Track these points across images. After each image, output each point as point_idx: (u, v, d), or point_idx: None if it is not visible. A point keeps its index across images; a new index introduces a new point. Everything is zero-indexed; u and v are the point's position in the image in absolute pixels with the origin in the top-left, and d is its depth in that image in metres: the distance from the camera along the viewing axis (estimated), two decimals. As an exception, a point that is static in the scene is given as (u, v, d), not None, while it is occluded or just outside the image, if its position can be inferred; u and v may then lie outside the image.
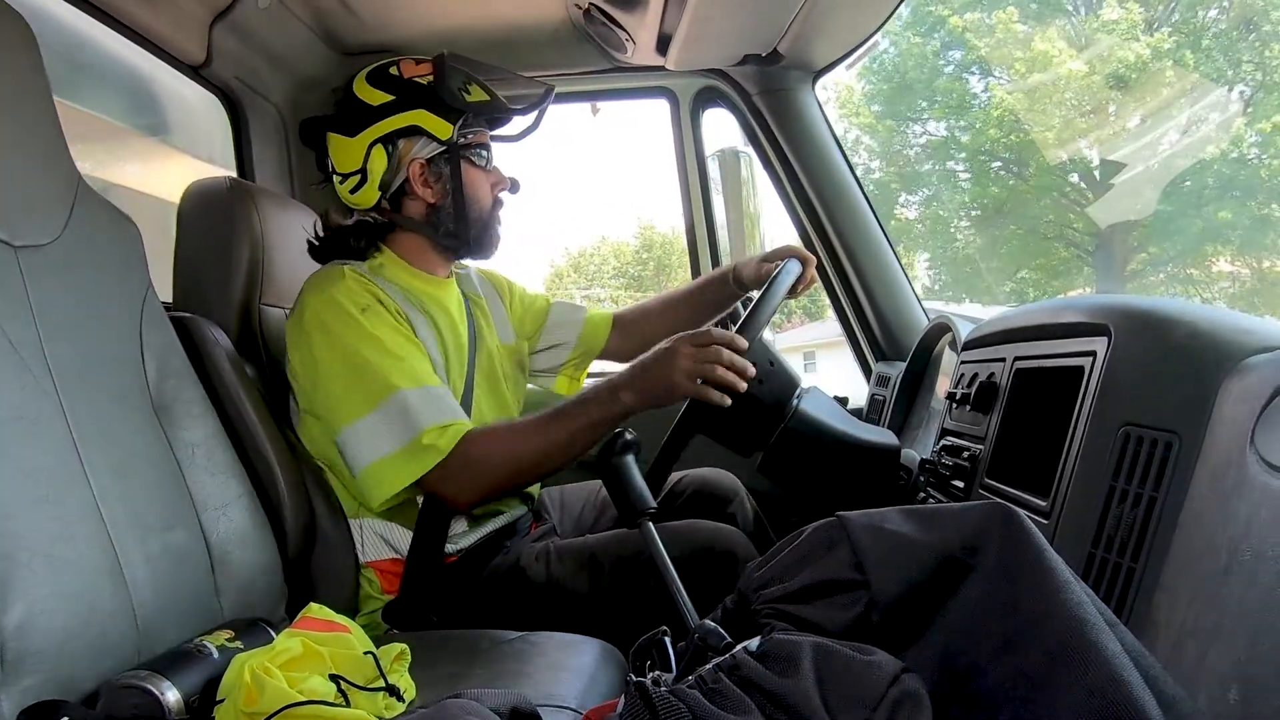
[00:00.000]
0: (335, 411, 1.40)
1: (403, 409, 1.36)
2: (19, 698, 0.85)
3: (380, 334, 1.40)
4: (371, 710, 0.95)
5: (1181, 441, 0.76)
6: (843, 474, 1.38)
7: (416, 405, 1.37)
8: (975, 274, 12.65)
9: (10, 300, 0.99)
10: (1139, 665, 0.57)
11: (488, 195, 1.58)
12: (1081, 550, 0.85)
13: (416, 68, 1.52)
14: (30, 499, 0.93)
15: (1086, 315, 0.98)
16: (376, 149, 1.51)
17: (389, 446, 1.36)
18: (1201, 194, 10.37)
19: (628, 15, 1.86)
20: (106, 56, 1.84)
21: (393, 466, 1.35)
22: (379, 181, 1.52)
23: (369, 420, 1.36)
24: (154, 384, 1.18)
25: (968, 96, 12.49)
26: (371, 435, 1.36)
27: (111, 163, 1.97)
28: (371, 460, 1.36)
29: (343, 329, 1.39)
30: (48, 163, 1.10)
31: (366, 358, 1.38)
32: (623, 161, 31.73)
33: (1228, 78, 10.66)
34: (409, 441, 1.35)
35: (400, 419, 1.36)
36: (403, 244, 1.58)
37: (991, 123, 12.03)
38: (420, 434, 1.35)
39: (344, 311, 1.40)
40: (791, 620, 0.70)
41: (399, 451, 1.35)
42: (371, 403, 1.37)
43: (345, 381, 1.38)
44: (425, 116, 1.50)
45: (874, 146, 13.49)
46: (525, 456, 1.40)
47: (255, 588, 1.23)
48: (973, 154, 12.41)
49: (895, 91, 12.87)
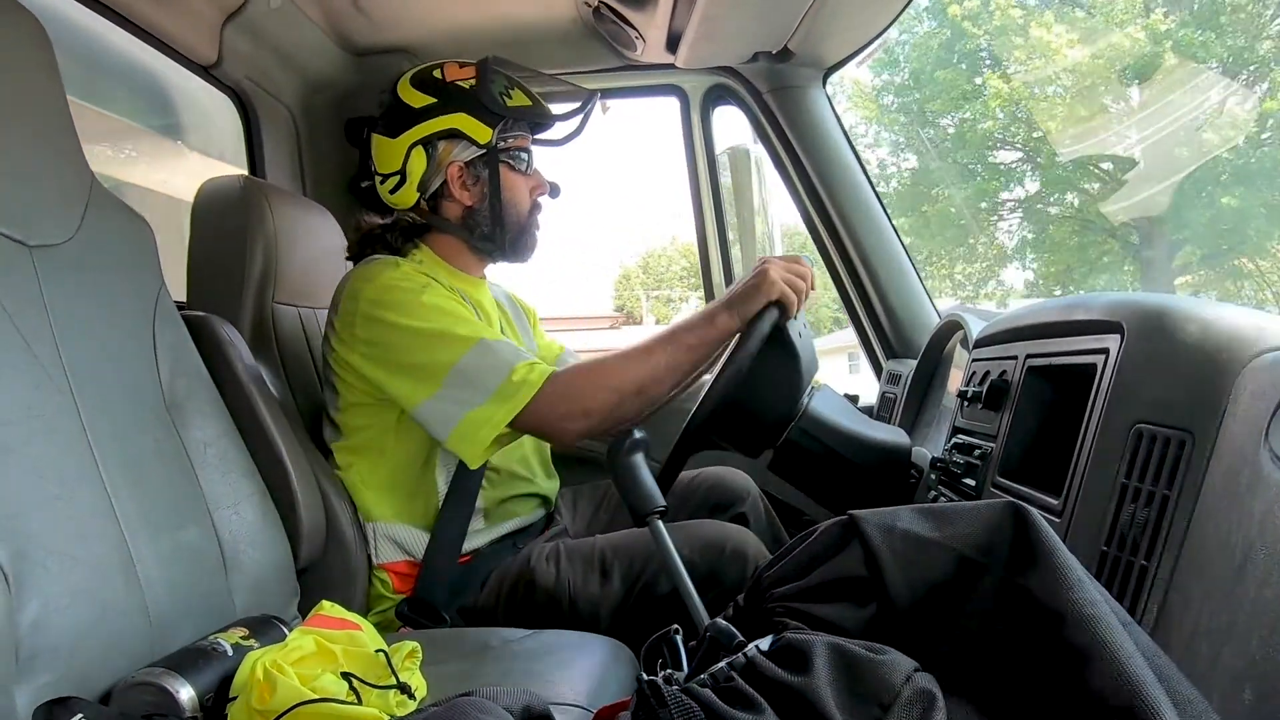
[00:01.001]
0: (416, 382, 1.39)
1: (486, 359, 1.37)
2: (34, 695, 0.86)
3: (444, 305, 1.42)
4: (383, 708, 0.95)
5: (1195, 439, 0.75)
6: (853, 473, 1.38)
7: (499, 351, 1.38)
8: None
9: (25, 299, 1.00)
10: (1152, 664, 0.57)
11: (526, 199, 1.60)
12: (1094, 549, 0.84)
13: (460, 71, 1.54)
14: (44, 497, 0.94)
15: (1099, 313, 0.97)
16: (416, 150, 1.53)
17: (480, 397, 1.36)
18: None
19: (638, 13, 1.86)
20: (119, 57, 1.85)
21: (487, 412, 1.35)
22: (417, 182, 1.55)
23: (452, 376, 1.37)
24: (166, 382, 1.18)
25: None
26: (459, 392, 1.37)
27: (124, 162, 1.98)
28: (464, 414, 1.36)
29: (409, 305, 1.40)
30: (62, 162, 1.11)
31: (439, 323, 1.39)
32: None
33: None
34: (500, 384, 1.35)
35: (486, 368, 1.37)
36: (439, 244, 1.60)
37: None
38: (510, 372, 1.36)
39: (405, 290, 1.41)
40: (804, 619, 0.70)
41: (491, 395, 1.35)
42: (453, 358, 1.37)
43: (422, 349, 1.39)
44: (465, 120, 1.52)
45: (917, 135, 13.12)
46: (626, 384, 1.38)
47: (267, 586, 1.23)
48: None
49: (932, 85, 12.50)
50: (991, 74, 11.74)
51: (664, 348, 1.40)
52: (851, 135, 2.16)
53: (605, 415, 1.39)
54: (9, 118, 1.03)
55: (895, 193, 13.00)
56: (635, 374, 1.39)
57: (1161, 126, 9.72)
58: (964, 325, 1.56)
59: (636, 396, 1.39)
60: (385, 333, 1.40)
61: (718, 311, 1.39)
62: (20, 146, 1.05)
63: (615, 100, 2.32)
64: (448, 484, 1.48)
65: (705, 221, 2.34)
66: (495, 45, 1.90)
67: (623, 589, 1.42)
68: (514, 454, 1.58)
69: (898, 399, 1.91)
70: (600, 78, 2.22)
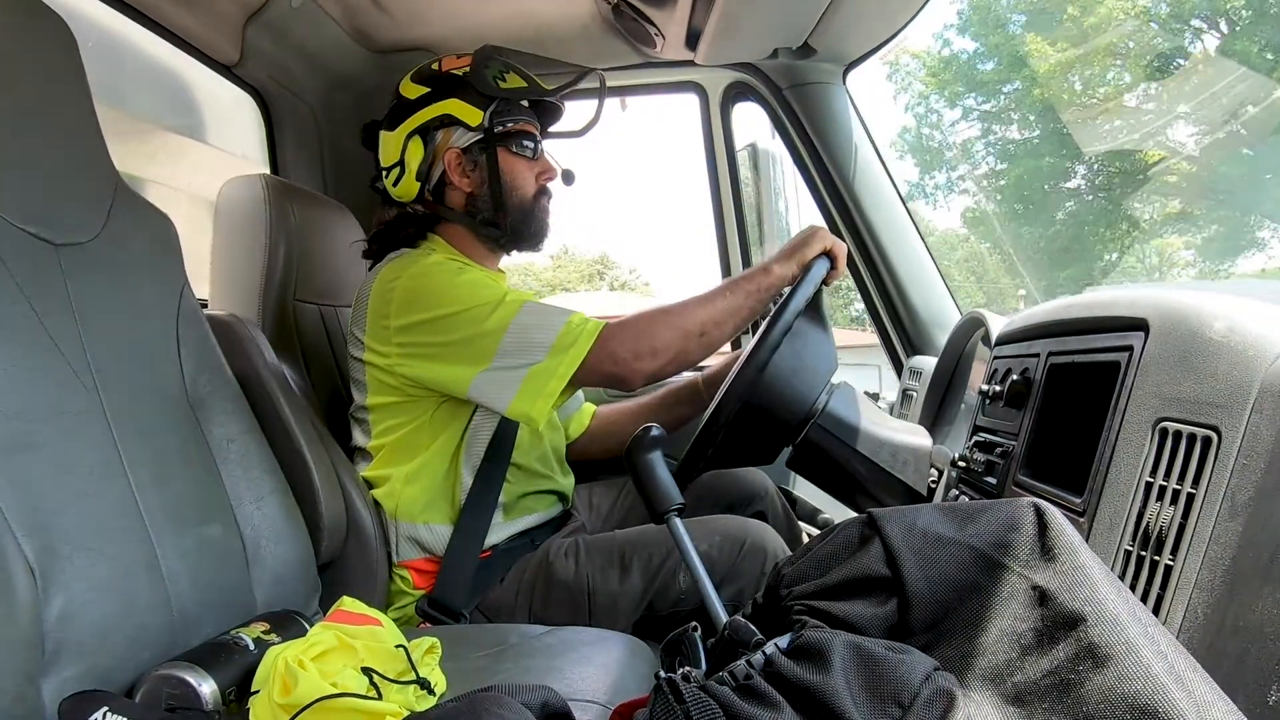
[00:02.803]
0: (467, 360, 1.40)
1: (536, 315, 1.39)
2: (59, 687, 0.87)
3: (484, 280, 1.44)
4: (403, 703, 0.95)
5: (1221, 437, 0.74)
6: (872, 472, 1.37)
7: (549, 308, 1.40)
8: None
9: (51, 297, 1.01)
10: (1176, 665, 0.56)
11: (530, 184, 1.59)
12: (1117, 548, 0.84)
13: (457, 61, 1.55)
14: (70, 493, 0.95)
15: (1123, 309, 0.96)
16: (413, 140, 1.54)
17: (539, 353, 1.37)
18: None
19: (657, 10, 1.86)
20: (143, 57, 1.87)
21: (550, 364, 1.37)
22: (416, 172, 1.55)
23: (506, 343, 1.38)
24: (190, 379, 1.19)
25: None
26: (515, 356, 1.38)
27: (146, 160, 2.00)
28: (526, 372, 1.37)
29: (445, 288, 1.42)
30: (87, 162, 1.12)
31: (481, 296, 1.40)
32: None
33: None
34: (557, 335, 1.38)
35: (539, 326, 1.39)
36: (450, 234, 1.60)
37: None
38: (567, 323, 1.38)
39: (444, 272, 1.43)
40: (823, 617, 0.70)
41: (551, 349, 1.37)
42: (503, 324, 1.38)
43: (468, 325, 1.40)
44: (457, 105, 1.52)
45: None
46: (690, 325, 1.42)
47: (289, 581, 1.24)
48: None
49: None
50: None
51: (723, 294, 1.44)
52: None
53: (672, 355, 1.42)
54: (35, 118, 1.04)
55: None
56: (697, 316, 1.42)
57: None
58: (985, 322, 1.55)
59: (700, 338, 1.42)
60: (426, 322, 1.41)
61: (773, 262, 1.44)
62: (46, 146, 1.06)
63: (634, 98, 2.32)
64: (471, 481, 1.49)
65: (725, 219, 2.34)
66: (515, 42, 1.91)
67: (642, 584, 1.42)
68: (534, 451, 1.59)
69: (918, 397, 1.90)
70: (620, 75, 2.22)
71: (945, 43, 12.75)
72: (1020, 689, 0.60)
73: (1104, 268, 11.25)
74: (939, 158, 13.61)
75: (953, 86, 12.97)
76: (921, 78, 13.28)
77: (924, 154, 13.81)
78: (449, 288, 1.41)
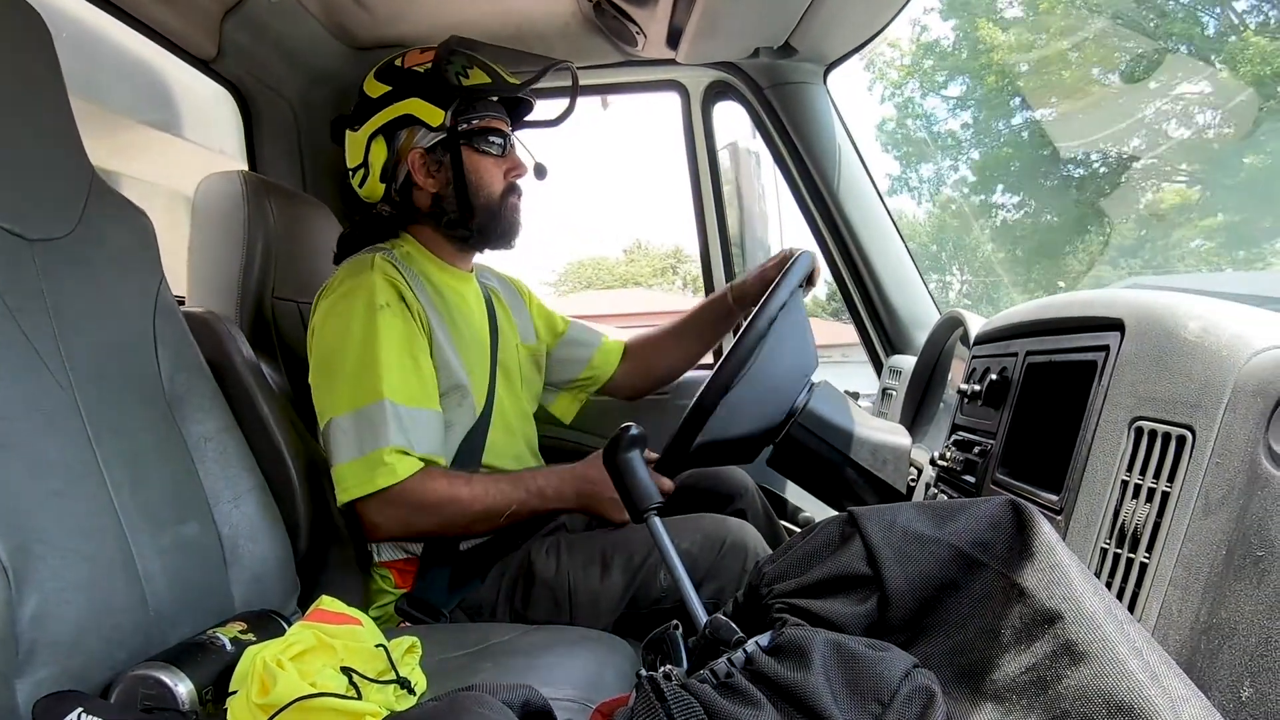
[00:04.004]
0: (323, 401, 1.40)
1: (377, 420, 1.35)
2: (34, 688, 0.86)
3: (390, 336, 1.39)
4: (382, 702, 0.95)
5: (1195, 436, 0.75)
6: (852, 470, 1.38)
7: (389, 421, 1.35)
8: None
9: (25, 294, 1.00)
10: (1151, 662, 0.57)
11: (497, 183, 1.56)
12: (1094, 545, 0.85)
13: (420, 56, 1.52)
14: (45, 492, 0.94)
15: (1099, 309, 0.97)
16: (377, 140, 1.51)
17: (351, 454, 1.35)
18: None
19: (638, 8, 1.86)
20: (119, 51, 1.85)
21: (352, 473, 1.35)
22: (380, 173, 1.52)
23: (346, 420, 1.36)
24: (167, 377, 1.18)
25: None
26: (343, 437, 1.36)
27: (122, 155, 1.98)
28: (338, 463, 1.36)
29: (354, 325, 1.39)
30: (62, 156, 1.11)
31: (365, 357, 1.37)
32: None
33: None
34: (369, 455, 1.34)
35: (369, 430, 1.35)
36: (420, 234, 1.59)
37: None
38: (381, 451, 1.34)
39: (362, 304, 1.40)
40: (803, 615, 0.70)
41: (358, 461, 1.35)
42: (353, 404, 1.36)
43: (340, 375, 1.39)
44: (418, 104, 1.49)
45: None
46: (459, 518, 1.40)
47: (267, 580, 1.23)
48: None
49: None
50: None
51: (512, 497, 1.42)
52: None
53: (419, 534, 1.43)
54: (9, 112, 1.03)
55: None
56: (472, 512, 1.40)
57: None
58: (964, 322, 1.56)
59: (463, 529, 1.43)
60: (328, 340, 1.42)
61: (565, 485, 1.45)
62: (20, 140, 1.04)
63: (614, 96, 2.32)
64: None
65: (706, 218, 2.34)
66: (495, 40, 1.90)
67: (623, 582, 1.42)
68: (508, 450, 1.58)
69: (898, 396, 1.91)
70: (601, 73, 2.21)
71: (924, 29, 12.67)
72: (999, 686, 0.61)
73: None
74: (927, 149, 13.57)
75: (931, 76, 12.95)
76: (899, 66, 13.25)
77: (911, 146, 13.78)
78: (362, 324, 1.39)
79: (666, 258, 27.16)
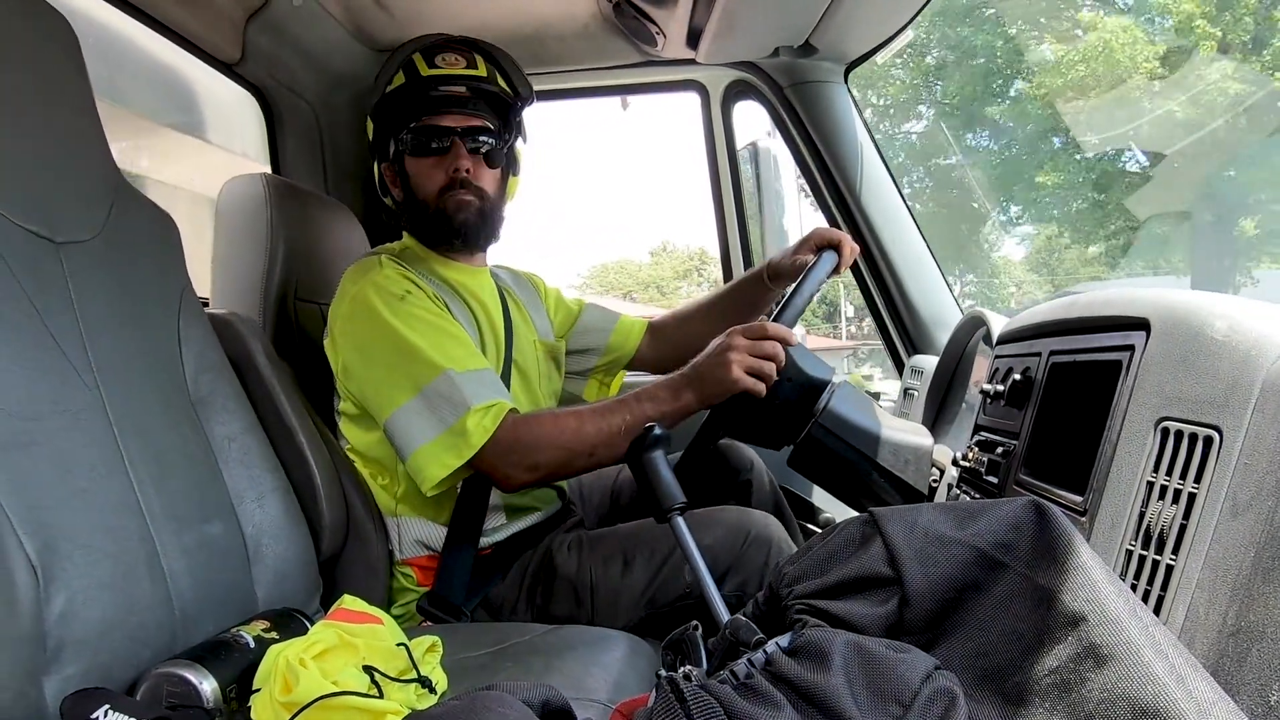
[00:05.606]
0: (381, 398, 1.40)
1: (446, 392, 1.36)
2: (60, 685, 0.87)
3: (422, 318, 1.41)
4: (404, 701, 0.95)
5: (1222, 437, 0.74)
6: (873, 471, 1.37)
7: (460, 387, 1.36)
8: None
9: (52, 295, 1.01)
10: (1176, 664, 0.56)
11: (431, 183, 1.55)
12: (1119, 547, 0.84)
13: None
14: (71, 491, 0.95)
15: (1124, 309, 0.96)
16: (375, 162, 1.63)
17: (433, 432, 1.35)
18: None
19: (658, 8, 1.86)
20: (144, 55, 1.87)
21: (438, 451, 1.35)
22: (381, 189, 1.65)
23: (414, 404, 1.37)
24: (191, 378, 1.19)
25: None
26: (417, 419, 1.36)
27: (147, 158, 2.01)
28: (418, 446, 1.36)
29: (386, 315, 1.40)
30: (88, 159, 1.12)
31: (411, 341, 1.38)
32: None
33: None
34: (453, 425, 1.34)
35: (444, 403, 1.35)
36: (415, 237, 1.62)
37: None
38: (465, 416, 1.34)
39: (385, 297, 1.41)
40: (824, 616, 0.70)
41: (443, 435, 1.34)
42: (416, 387, 1.37)
43: (389, 367, 1.39)
44: (369, 124, 1.60)
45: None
46: (579, 443, 1.36)
47: (290, 579, 1.24)
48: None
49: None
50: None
51: (622, 413, 1.37)
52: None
53: (551, 472, 1.39)
54: (36, 116, 1.04)
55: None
56: (590, 435, 1.36)
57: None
58: (986, 322, 1.55)
59: (587, 458, 1.38)
60: (362, 341, 1.42)
61: (681, 387, 1.36)
62: (47, 144, 1.06)
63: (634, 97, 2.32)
64: (461, 480, 1.48)
65: (726, 218, 2.33)
66: (515, 41, 1.91)
67: (644, 579, 1.42)
68: None
69: (919, 396, 1.90)
70: (621, 74, 2.22)
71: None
72: (1021, 688, 0.60)
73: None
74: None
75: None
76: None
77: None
78: (392, 315, 1.40)
79: (690, 259, 27.07)
